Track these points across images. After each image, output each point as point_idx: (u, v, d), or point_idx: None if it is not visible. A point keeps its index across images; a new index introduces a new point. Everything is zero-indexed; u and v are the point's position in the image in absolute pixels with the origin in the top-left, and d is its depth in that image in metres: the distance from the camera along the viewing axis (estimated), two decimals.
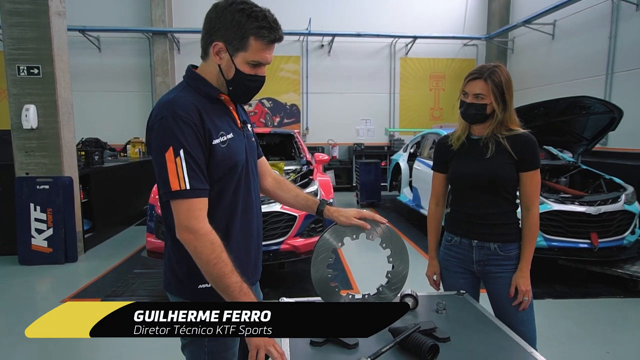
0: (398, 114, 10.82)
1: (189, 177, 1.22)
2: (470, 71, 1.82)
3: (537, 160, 1.82)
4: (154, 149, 1.26)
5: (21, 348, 3.05)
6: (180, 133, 1.22)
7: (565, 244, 4.10)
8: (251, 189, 1.47)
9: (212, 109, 1.34)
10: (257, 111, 10.52)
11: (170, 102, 1.27)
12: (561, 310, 3.66)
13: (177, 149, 1.21)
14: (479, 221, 1.87)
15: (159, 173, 1.24)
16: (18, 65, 4.78)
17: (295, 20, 9.95)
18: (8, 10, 4.71)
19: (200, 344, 1.41)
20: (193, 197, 1.23)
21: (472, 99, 1.79)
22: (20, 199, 4.85)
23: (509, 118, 1.81)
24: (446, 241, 2.01)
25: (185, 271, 1.39)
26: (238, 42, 1.27)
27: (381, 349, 1.34)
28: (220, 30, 1.28)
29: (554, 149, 5.71)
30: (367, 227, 1.57)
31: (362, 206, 8.44)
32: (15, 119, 4.81)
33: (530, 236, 1.83)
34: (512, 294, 1.84)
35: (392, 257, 1.65)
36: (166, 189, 1.23)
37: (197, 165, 1.24)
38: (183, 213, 1.23)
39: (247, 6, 1.26)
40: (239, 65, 1.30)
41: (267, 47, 1.30)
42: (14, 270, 4.68)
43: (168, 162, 1.21)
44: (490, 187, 1.83)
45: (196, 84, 1.35)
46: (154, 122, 1.27)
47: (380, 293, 1.66)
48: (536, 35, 9.02)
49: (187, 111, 1.25)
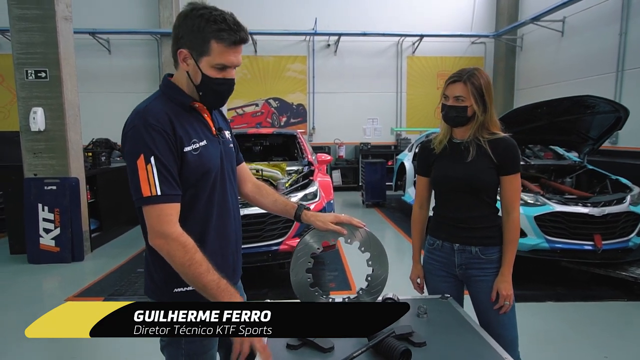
0: (405, 113, 10.78)
1: (159, 182, 1.25)
2: (450, 75, 1.85)
3: (517, 165, 1.83)
4: (126, 157, 1.30)
5: (26, 344, 3.14)
6: (151, 141, 1.26)
7: (568, 246, 4.05)
8: (227, 194, 1.49)
9: (185, 117, 1.37)
10: (263, 111, 10.58)
11: (142, 111, 1.30)
12: (561, 313, 3.62)
13: (148, 156, 1.25)
14: (461, 225, 1.87)
15: (131, 179, 1.28)
16: (26, 69, 4.90)
17: (302, 20, 9.99)
18: (16, 16, 4.82)
19: (177, 346, 1.44)
20: (164, 202, 1.26)
21: (453, 102, 1.81)
22: (28, 199, 4.97)
23: (489, 120, 1.82)
24: (429, 245, 2.02)
25: (161, 277, 1.43)
26: (200, 47, 1.30)
27: (353, 353, 1.36)
28: (183, 38, 1.31)
29: (560, 149, 5.64)
30: (344, 232, 1.58)
31: (367, 206, 8.44)
32: (24, 121, 4.93)
33: (511, 240, 1.83)
34: (493, 298, 1.84)
35: (372, 261, 1.66)
36: (138, 195, 1.26)
37: (167, 171, 1.27)
38: (154, 219, 1.27)
39: (207, 11, 1.29)
40: (204, 70, 1.32)
41: (230, 49, 1.31)
42: (23, 269, 4.81)
43: (139, 169, 1.25)
44: (471, 191, 1.84)
45: (170, 92, 1.39)
46: (127, 130, 1.30)
47: (360, 297, 1.67)
48: (545, 33, 8.89)
49: (158, 119, 1.28)
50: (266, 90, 10.55)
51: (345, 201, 9.17)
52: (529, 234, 4.05)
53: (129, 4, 10.05)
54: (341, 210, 8.29)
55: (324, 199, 4.45)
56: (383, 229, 6.74)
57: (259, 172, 4.97)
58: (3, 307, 3.80)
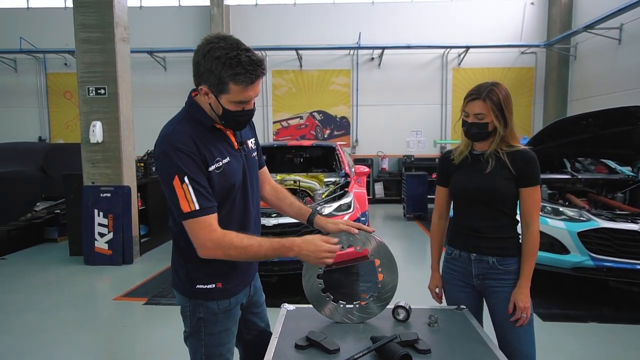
0: (450, 125, 10.59)
1: (196, 198, 1.39)
2: (469, 91, 1.87)
3: (536, 177, 1.82)
4: (162, 179, 1.44)
5: (75, 338, 3.43)
6: (181, 162, 1.39)
7: (617, 265, 3.80)
8: (249, 203, 1.61)
9: (208, 136, 1.48)
10: (307, 124, 10.80)
11: (169, 136, 1.43)
12: (606, 335, 3.40)
13: (181, 177, 1.38)
14: (477, 234, 1.88)
15: (170, 198, 1.42)
16: (88, 86, 5.37)
17: (346, 34, 10.16)
18: (81, 39, 5.33)
19: (198, 337, 1.58)
20: (204, 214, 1.40)
21: (473, 119, 1.84)
22: (86, 205, 5.40)
23: (509, 134, 1.84)
24: (447, 254, 2.03)
25: (184, 274, 1.58)
26: (220, 87, 1.38)
27: (354, 355, 1.41)
28: (203, 75, 1.39)
29: (612, 163, 5.33)
30: (354, 231, 1.63)
31: (408, 219, 8.34)
32: (85, 134, 5.39)
33: (530, 253, 1.81)
34: (510, 310, 1.81)
35: (382, 268, 1.70)
36: (178, 211, 1.40)
37: (201, 187, 1.41)
38: (198, 232, 1.41)
39: (223, 52, 1.33)
40: (225, 105, 1.42)
41: (247, 88, 1.39)
42: (79, 270, 5.22)
43: (176, 188, 1.39)
44: (488, 201, 1.85)
45: (193, 112, 1.51)
46: (158, 154, 1.44)
47: (369, 304, 1.72)
48: (601, 41, 8.46)
49: (184, 143, 1.41)
50: (310, 104, 10.78)
51: (386, 214, 9.12)
52: (572, 251, 3.86)
53: (184, 25, 10.70)
54: (382, 223, 8.26)
55: (358, 210, 4.49)
56: (423, 242, 6.64)
57: (296, 183, 5.10)
58: (60, 305, 4.16)
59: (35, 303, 4.19)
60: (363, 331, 1.65)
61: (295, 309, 1.85)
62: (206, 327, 1.56)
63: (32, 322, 3.74)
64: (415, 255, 6.16)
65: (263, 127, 10.67)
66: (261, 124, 10.62)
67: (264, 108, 10.66)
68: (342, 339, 1.55)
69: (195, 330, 1.57)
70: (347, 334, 1.62)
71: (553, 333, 3.40)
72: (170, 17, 10.79)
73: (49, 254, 5.97)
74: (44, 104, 11.25)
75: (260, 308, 1.82)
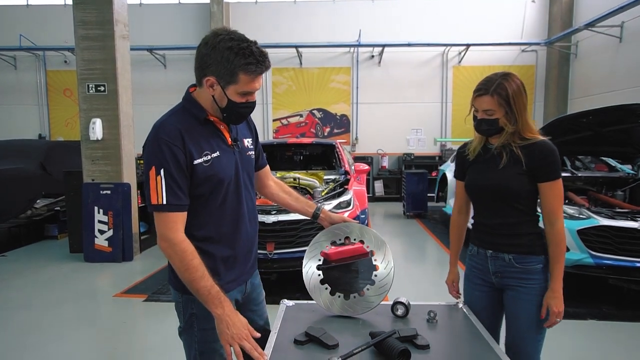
0: (450, 123, 10.58)
1: (166, 193, 1.40)
2: (477, 85, 1.77)
3: (556, 170, 1.72)
4: (144, 166, 1.47)
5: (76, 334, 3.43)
6: (161, 154, 1.40)
7: (617, 262, 3.81)
8: (242, 200, 1.61)
9: (200, 130, 1.49)
10: (307, 122, 10.80)
11: (158, 127, 1.46)
12: (605, 332, 3.41)
13: (158, 168, 1.40)
14: (492, 231, 1.83)
15: (145, 187, 1.45)
16: (88, 83, 5.37)
17: (346, 32, 10.14)
18: (81, 36, 5.32)
19: (191, 333, 1.58)
20: (169, 211, 1.42)
21: (482, 115, 1.76)
22: (86, 202, 5.40)
23: (522, 127, 1.73)
24: (469, 252, 1.99)
25: None
26: (229, 77, 1.40)
27: (354, 350, 1.41)
28: (211, 67, 1.40)
29: (613, 160, 5.33)
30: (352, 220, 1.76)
31: (408, 217, 8.35)
32: (84, 131, 5.39)
33: (558, 254, 1.73)
34: (543, 315, 1.76)
35: (377, 258, 1.73)
36: (148, 201, 1.43)
37: (175, 183, 1.41)
38: (160, 224, 1.43)
39: (235, 43, 1.36)
40: (230, 96, 1.44)
41: (255, 79, 1.42)
42: (79, 267, 5.23)
43: (151, 179, 1.41)
44: (500, 198, 1.78)
45: (188, 107, 1.52)
46: (146, 142, 1.47)
47: (367, 295, 1.73)
48: (602, 39, 8.44)
49: (170, 135, 1.42)
50: (310, 102, 10.78)
51: (386, 212, 9.12)
52: (572, 249, 3.85)
53: (183, 22, 10.69)
54: (381, 220, 8.26)
55: (358, 208, 4.49)
56: (423, 240, 6.65)
57: (296, 180, 5.10)
58: (60, 302, 4.16)
59: (36, 300, 4.20)
60: (362, 327, 1.66)
61: (294, 304, 1.86)
62: (199, 322, 1.56)
63: (32, 319, 3.75)
64: (415, 253, 6.17)
65: (263, 125, 10.67)
66: (261, 121, 10.61)
67: (263, 106, 10.65)
68: (341, 334, 1.56)
69: (189, 325, 1.58)
70: (346, 330, 1.62)
71: (552, 330, 3.37)
72: (170, 15, 10.78)
73: (49, 251, 5.97)
74: (44, 101, 11.25)
75: (259, 306, 1.82)
